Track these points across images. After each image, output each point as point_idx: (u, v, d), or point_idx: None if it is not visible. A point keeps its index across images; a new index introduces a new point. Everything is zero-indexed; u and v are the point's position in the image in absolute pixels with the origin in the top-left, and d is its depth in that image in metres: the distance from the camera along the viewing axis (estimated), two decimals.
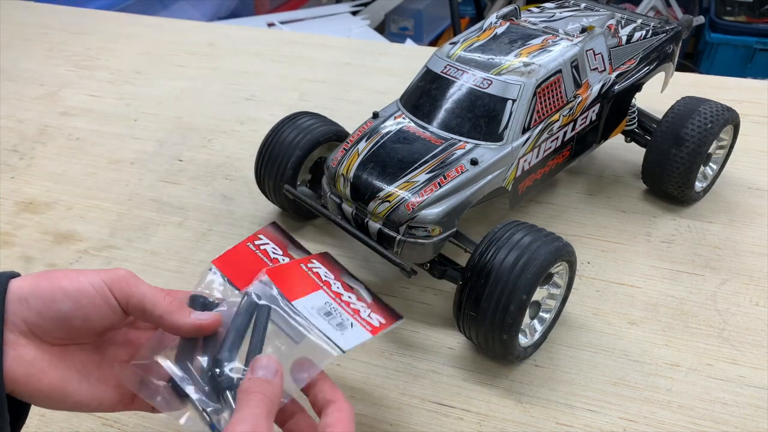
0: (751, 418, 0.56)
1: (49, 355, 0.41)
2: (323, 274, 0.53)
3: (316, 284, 0.51)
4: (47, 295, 0.40)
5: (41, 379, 0.40)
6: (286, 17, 2.12)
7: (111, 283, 0.42)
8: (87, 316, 0.41)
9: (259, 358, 0.42)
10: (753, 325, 0.65)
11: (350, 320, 0.49)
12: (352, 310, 0.50)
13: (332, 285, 0.52)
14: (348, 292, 0.52)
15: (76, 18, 1.40)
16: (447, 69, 0.67)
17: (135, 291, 0.42)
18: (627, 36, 0.76)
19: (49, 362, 0.40)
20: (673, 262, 0.72)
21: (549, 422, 0.56)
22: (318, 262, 0.55)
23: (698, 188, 0.79)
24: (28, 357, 0.39)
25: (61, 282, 0.40)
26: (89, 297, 0.41)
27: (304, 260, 0.54)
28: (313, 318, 0.47)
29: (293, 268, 0.52)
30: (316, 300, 0.49)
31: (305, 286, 0.50)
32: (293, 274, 0.52)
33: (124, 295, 0.42)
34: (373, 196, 0.60)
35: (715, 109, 0.74)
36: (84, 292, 0.41)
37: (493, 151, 0.63)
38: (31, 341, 0.40)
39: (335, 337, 0.46)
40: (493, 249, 0.55)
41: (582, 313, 0.66)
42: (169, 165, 0.91)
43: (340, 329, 0.47)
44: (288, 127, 0.73)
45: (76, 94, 1.10)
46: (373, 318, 0.50)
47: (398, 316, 0.52)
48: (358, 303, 0.51)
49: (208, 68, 1.18)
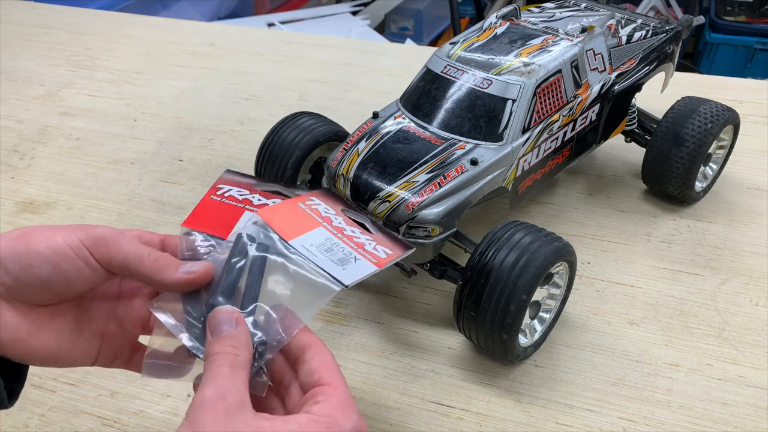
0: (751, 418, 0.56)
1: (35, 316, 0.39)
2: (323, 211, 0.49)
3: (315, 221, 0.48)
4: (24, 260, 0.37)
5: (30, 343, 0.38)
6: (286, 17, 2.12)
7: (91, 244, 0.39)
8: (68, 279, 0.38)
9: (214, 313, 0.39)
10: (753, 325, 0.65)
11: (353, 254, 0.45)
12: (355, 244, 0.47)
13: (333, 221, 0.49)
14: (351, 226, 0.49)
15: (76, 18, 1.40)
16: (447, 69, 0.67)
17: (116, 252, 0.39)
18: (627, 36, 0.77)
19: (36, 324, 0.39)
20: (673, 262, 0.72)
21: (549, 422, 0.56)
22: (317, 198, 0.51)
23: (698, 188, 0.79)
24: (11, 322, 0.37)
25: (38, 245, 0.38)
26: (69, 260, 0.38)
27: (301, 198, 0.51)
28: (312, 255, 0.43)
29: (289, 206, 0.49)
30: (316, 237, 0.46)
31: (303, 224, 0.47)
32: (289, 212, 0.48)
33: (105, 257, 0.39)
34: (373, 196, 0.60)
35: (715, 109, 0.74)
36: (63, 256, 0.38)
37: (493, 151, 0.63)
38: (13, 305, 0.38)
39: (336, 272, 0.43)
40: (493, 249, 0.55)
41: (582, 313, 0.66)
42: (169, 165, 0.91)
43: (342, 264, 0.44)
44: (288, 127, 0.73)
45: (76, 94, 1.10)
46: (379, 250, 0.47)
47: (407, 246, 0.49)
48: (363, 236, 0.48)
49: (208, 68, 1.18)
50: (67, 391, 0.58)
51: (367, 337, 0.64)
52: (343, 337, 0.64)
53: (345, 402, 0.37)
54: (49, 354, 0.39)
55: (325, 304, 0.41)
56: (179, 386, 0.59)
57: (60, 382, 0.59)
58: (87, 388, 0.59)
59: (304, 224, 0.47)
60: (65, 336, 0.40)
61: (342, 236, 0.47)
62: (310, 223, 0.47)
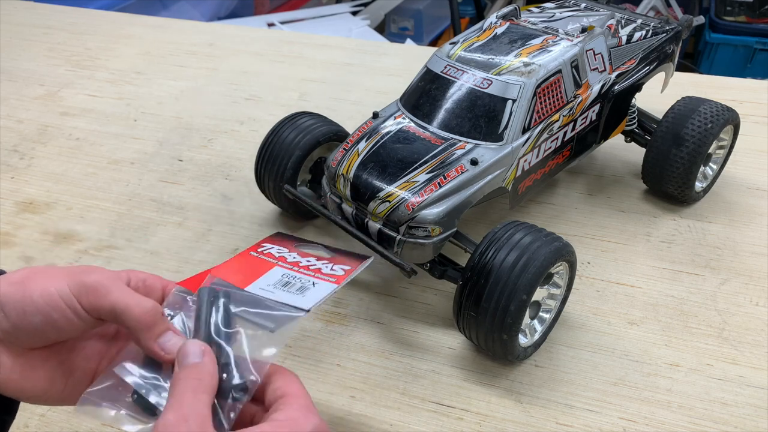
0: (751, 418, 0.56)
1: (28, 358, 0.39)
2: (276, 252, 0.49)
3: (269, 263, 0.48)
4: (20, 307, 0.38)
5: (22, 383, 0.39)
6: (286, 17, 2.12)
7: (79, 293, 0.39)
8: (60, 328, 0.39)
9: (182, 347, 0.39)
10: (753, 325, 0.65)
11: (311, 281, 0.45)
12: (312, 271, 0.46)
13: (287, 258, 0.48)
14: (306, 257, 0.48)
15: (76, 18, 1.40)
16: (447, 69, 0.67)
17: (104, 302, 0.39)
18: (627, 36, 0.76)
19: (29, 366, 0.39)
20: (673, 262, 0.72)
21: (549, 422, 0.56)
22: (269, 243, 0.51)
23: (698, 188, 0.79)
24: (6, 363, 0.38)
25: (32, 294, 0.38)
26: (59, 311, 0.38)
27: (253, 247, 0.51)
28: (270, 294, 0.43)
29: (241, 258, 0.49)
30: (272, 277, 0.46)
31: (257, 270, 0.47)
32: (242, 264, 0.48)
33: (93, 306, 0.39)
34: (373, 196, 0.60)
35: (715, 109, 0.74)
36: (53, 306, 0.38)
37: (493, 151, 0.63)
38: (8, 348, 0.38)
39: (295, 301, 0.42)
40: (493, 249, 0.55)
41: (582, 313, 0.66)
42: (169, 165, 0.91)
43: (301, 293, 0.44)
44: (288, 127, 0.73)
45: (76, 94, 1.10)
46: (337, 269, 0.47)
47: (364, 257, 0.48)
48: (319, 262, 0.47)
49: (208, 68, 1.18)
50: None
51: (367, 337, 0.64)
52: (343, 337, 0.64)
53: (306, 406, 0.37)
54: (40, 393, 0.40)
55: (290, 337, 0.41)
56: None
57: None
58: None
59: (258, 269, 0.47)
60: (57, 376, 0.40)
61: (298, 269, 0.47)
62: (264, 266, 0.47)
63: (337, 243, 0.75)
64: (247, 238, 0.76)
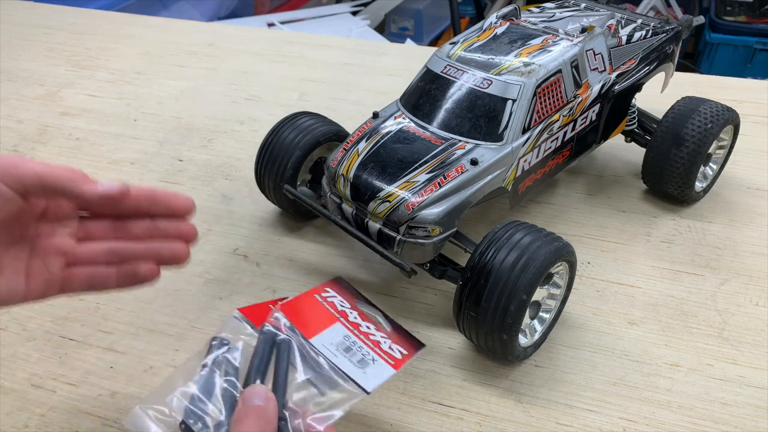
0: (751, 418, 0.56)
1: None
2: (339, 304, 0.52)
3: (333, 316, 0.51)
4: None
5: None
6: (286, 17, 2.12)
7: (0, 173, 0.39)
8: None
9: (250, 388, 0.41)
10: (753, 325, 0.65)
11: (371, 354, 0.48)
12: (372, 342, 0.49)
13: (349, 315, 0.52)
14: (366, 321, 0.51)
15: (76, 18, 1.40)
16: (447, 69, 0.67)
17: (26, 170, 0.39)
18: (627, 36, 0.77)
19: None
20: (673, 262, 0.72)
21: (549, 422, 0.56)
22: (332, 290, 0.54)
23: (698, 188, 0.79)
24: None
25: None
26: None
27: (317, 289, 0.54)
28: (332, 356, 0.46)
29: (307, 299, 0.52)
30: (335, 334, 0.49)
31: (322, 320, 0.50)
32: (308, 306, 0.51)
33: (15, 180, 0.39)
34: (373, 196, 0.60)
35: (715, 109, 0.74)
36: None
37: (493, 151, 0.63)
38: None
39: (357, 376, 0.46)
40: (493, 249, 0.55)
41: (582, 313, 0.66)
42: (169, 165, 0.91)
43: (362, 366, 0.47)
44: (288, 127, 0.73)
45: (76, 94, 1.10)
46: (395, 349, 0.49)
47: (420, 344, 0.51)
48: (378, 333, 0.51)
49: (208, 68, 1.18)
50: (67, 391, 0.58)
51: None
52: None
53: None
54: None
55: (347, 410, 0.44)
56: None
57: (60, 382, 0.59)
58: (87, 388, 0.59)
59: (322, 320, 0.50)
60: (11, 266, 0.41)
61: (359, 333, 0.50)
62: (328, 318, 0.50)
63: (338, 243, 0.75)
64: (247, 238, 0.76)
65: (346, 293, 0.55)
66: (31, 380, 0.59)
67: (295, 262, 0.73)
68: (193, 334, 0.64)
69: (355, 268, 0.72)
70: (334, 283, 0.55)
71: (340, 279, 0.56)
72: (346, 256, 0.74)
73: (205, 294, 0.69)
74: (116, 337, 0.64)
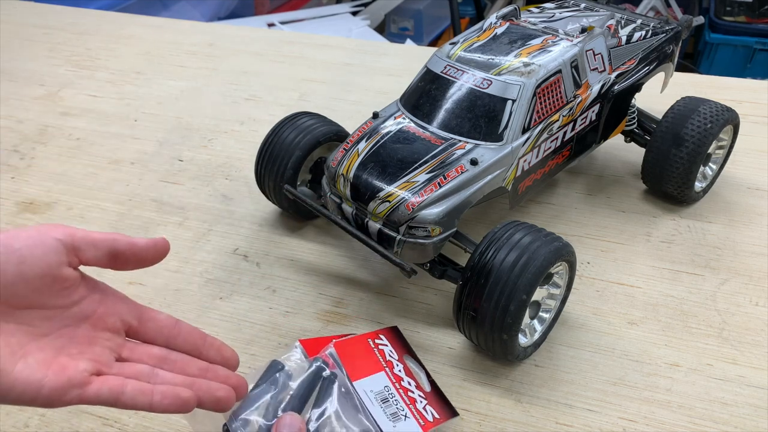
0: (750, 418, 0.56)
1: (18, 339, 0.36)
2: (388, 353, 0.55)
3: (380, 364, 0.53)
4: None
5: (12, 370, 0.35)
6: (286, 17, 2.12)
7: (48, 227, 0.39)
8: (22, 259, 0.36)
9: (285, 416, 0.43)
10: (753, 325, 0.65)
11: (405, 410, 0.50)
12: (408, 399, 0.51)
13: (395, 366, 0.54)
14: (408, 377, 0.53)
15: (76, 18, 1.40)
16: (447, 69, 0.67)
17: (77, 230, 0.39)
18: (627, 36, 0.77)
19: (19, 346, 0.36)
20: (673, 262, 0.72)
21: (549, 422, 0.56)
22: (386, 338, 0.56)
23: (698, 188, 0.79)
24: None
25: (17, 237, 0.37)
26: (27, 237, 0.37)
27: (372, 335, 0.56)
28: (369, 403, 0.49)
29: (360, 343, 0.54)
30: (377, 383, 0.51)
31: (369, 365, 0.52)
32: (360, 349, 0.53)
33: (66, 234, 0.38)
34: (373, 196, 0.60)
35: (715, 109, 0.74)
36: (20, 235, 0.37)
37: (493, 151, 0.63)
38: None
39: (387, 429, 0.48)
40: (493, 249, 0.55)
41: (582, 313, 0.66)
42: (170, 165, 0.91)
43: (394, 420, 0.49)
44: (288, 127, 0.73)
45: (76, 94, 1.10)
46: (428, 411, 0.51)
47: (454, 412, 0.53)
48: (416, 391, 0.52)
49: (208, 68, 1.18)
50: None
51: None
52: None
53: None
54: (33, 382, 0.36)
55: None
56: None
57: None
58: None
59: (369, 365, 0.52)
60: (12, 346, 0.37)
61: (399, 387, 0.52)
62: (375, 365, 0.53)
63: (338, 243, 0.75)
64: (247, 238, 0.76)
65: (397, 344, 0.57)
66: None
67: (295, 262, 0.73)
68: None
69: (355, 268, 0.72)
70: (389, 332, 0.57)
71: (395, 329, 0.58)
72: (346, 256, 0.74)
73: (205, 294, 0.69)
74: None
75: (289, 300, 0.68)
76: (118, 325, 0.42)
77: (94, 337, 0.41)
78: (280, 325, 0.65)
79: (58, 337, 0.39)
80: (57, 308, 0.39)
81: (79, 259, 0.40)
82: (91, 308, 0.41)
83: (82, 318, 0.40)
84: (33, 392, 0.36)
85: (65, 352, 0.39)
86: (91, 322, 0.41)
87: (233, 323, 0.65)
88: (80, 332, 0.40)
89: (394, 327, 0.57)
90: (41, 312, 0.39)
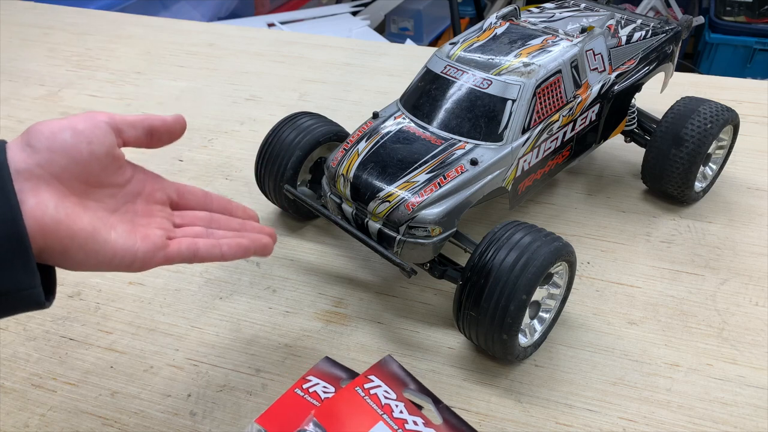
0: (750, 418, 0.56)
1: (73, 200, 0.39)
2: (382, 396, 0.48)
3: (375, 414, 0.46)
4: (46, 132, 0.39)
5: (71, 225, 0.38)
6: (286, 17, 2.12)
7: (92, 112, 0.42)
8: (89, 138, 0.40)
9: None
10: (753, 325, 0.65)
11: None
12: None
13: (394, 410, 0.47)
14: (413, 415, 0.47)
15: (76, 18, 1.40)
16: (447, 69, 0.67)
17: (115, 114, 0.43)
18: (627, 36, 0.77)
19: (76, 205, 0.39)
20: (673, 262, 0.72)
21: (549, 422, 0.56)
22: (377, 377, 0.50)
23: (698, 188, 0.79)
24: (51, 202, 0.37)
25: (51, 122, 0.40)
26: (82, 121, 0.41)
27: (359, 381, 0.49)
28: None
29: (346, 396, 0.47)
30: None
31: (363, 421, 0.45)
32: (347, 405, 0.46)
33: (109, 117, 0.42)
34: (373, 196, 0.60)
35: (715, 110, 0.74)
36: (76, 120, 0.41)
37: (493, 152, 0.63)
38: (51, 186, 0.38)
39: None
40: (493, 249, 0.55)
41: (582, 313, 0.66)
42: (170, 165, 0.91)
43: None
44: (288, 127, 0.73)
45: (76, 94, 1.10)
46: None
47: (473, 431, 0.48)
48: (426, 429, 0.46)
49: (208, 68, 1.18)
50: (68, 391, 0.59)
51: (367, 337, 0.64)
52: (343, 337, 0.64)
53: None
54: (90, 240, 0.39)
55: None
56: (179, 386, 0.59)
57: (60, 382, 0.59)
58: (87, 388, 0.59)
59: (363, 421, 0.45)
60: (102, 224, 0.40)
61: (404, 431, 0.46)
62: (370, 417, 0.46)
63: (338, 243, 0.75)
64: None
65: (392, 379, 0.50)
66: (31, 380, 0.59)
67: (295, 262, 0.73)
68: (193, 334, 0.64)
69: (355, 268, 0.72)
70: (379, 368, 0.51)
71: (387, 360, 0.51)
72: (346, 256, 0.74)
73: (205, 294, 0.69)
74: (116, 337, 0.64)
75: (289, 300, 0.68)
76: (164, 198, 0.47)
77: (150, 210, 0.45)
78: (280, 325, 0.65)
79: (125, 212, 0.44)
80: (117, 186, 0.44)
81: (123, 140, 0.44)
82: (140, 186, 0.46)
83: (135, 194, 0.45)
84: (131, 257, 0.41)
85: (137, 222, 0.44)
86: (144, 198, 0.45)
87: (233, 323, 0.65)
88: (138, 207, 0.45)
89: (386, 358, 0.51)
90: (108, 190, 0.43)
